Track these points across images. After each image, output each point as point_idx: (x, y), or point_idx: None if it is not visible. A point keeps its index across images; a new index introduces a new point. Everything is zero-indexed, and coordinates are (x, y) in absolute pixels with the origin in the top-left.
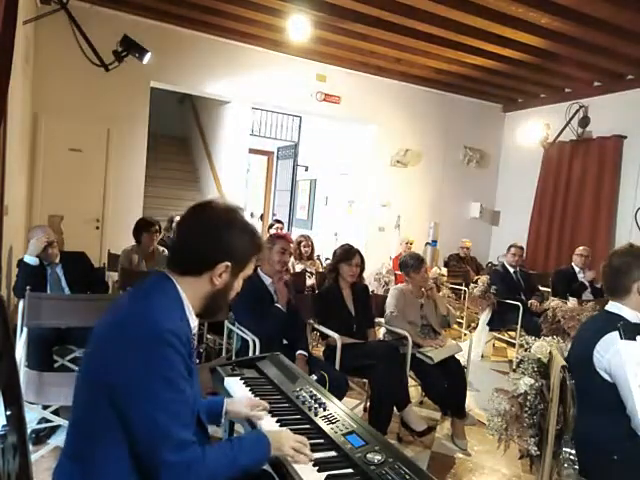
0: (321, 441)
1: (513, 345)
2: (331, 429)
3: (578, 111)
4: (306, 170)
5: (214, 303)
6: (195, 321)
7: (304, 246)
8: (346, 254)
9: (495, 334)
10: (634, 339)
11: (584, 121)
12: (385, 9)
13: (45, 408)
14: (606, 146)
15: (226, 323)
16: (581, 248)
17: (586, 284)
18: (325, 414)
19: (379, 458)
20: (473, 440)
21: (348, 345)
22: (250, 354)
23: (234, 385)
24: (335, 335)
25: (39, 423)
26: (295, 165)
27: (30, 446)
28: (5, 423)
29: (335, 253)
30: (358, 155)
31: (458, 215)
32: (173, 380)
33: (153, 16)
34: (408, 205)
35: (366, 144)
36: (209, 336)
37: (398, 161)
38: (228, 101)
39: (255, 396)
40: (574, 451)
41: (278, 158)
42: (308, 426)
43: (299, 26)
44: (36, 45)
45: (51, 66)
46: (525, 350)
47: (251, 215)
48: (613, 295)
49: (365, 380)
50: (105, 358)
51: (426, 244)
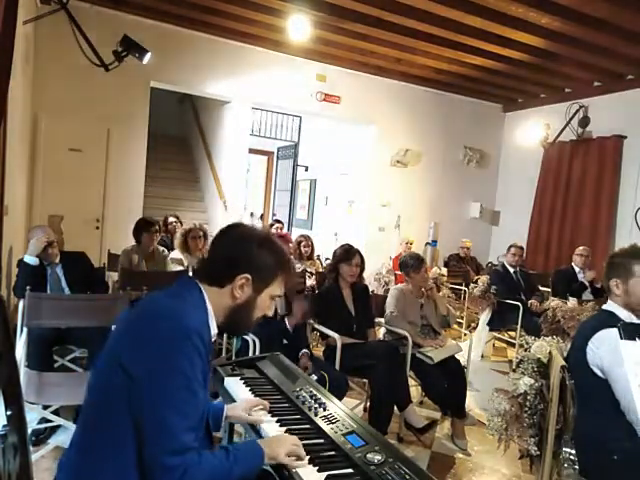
0: (321, 441)
1: (513, 345)
2: (331, 429)
3: (578, 111)
4: (306, 170)
5: (236, 318)
6: (215, 329)
7: (304, 246)
8: (346, 254)
9: (495, 334)
10: (633, 339)
11: (584, 121)
12: (385, 9)
13: (45, 408)
14: (606, 146)
15: None
16: (581, 248)
17: (586, 284)
18: (325, 414)
19: (379, 458)
20: (473, 440)
21: (348, 345)
22: (250, 354)
23: (234, 385)
24: (335, 335)
25: (39, 423)
26: (295, 165)
27: (30, 446)
28: (5, 423)
29: (335, 253)
30: (358, 155)
31: (458, 215)
32: (190, 381)
33: (153, 16)
34: (408, 205)
35: (366, 144)
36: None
37: (398, 161)
38: (228, 101)
39: (255, 396)
40: (574, 451)
41: (278, 158)
42: (308, 426)
43: (299, 26)
44: (36, 45)
45: (51, 66)
46: (525, 350)
47: (251, 215)
48: (605, 292)
49: (365, 380)
50: (131, 349)
51: (426, 244)
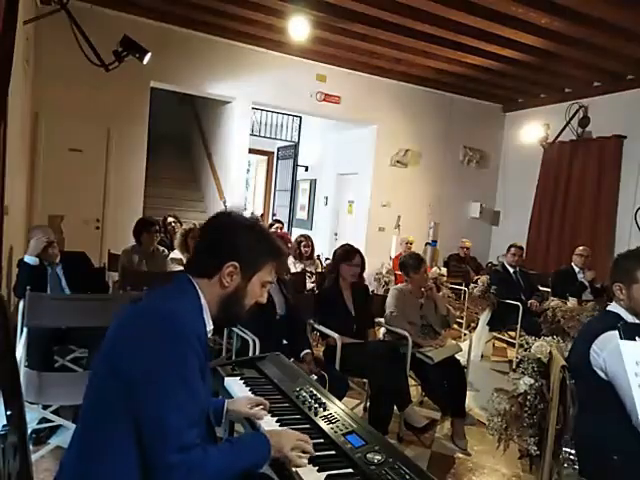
0: (321, 441)
1: (513, 345)
2: (331, 429)
3: (578, 111)
4: (306, 170)
5: (228, 307)
6: (210, 325)
7: (304, 246)
8: (346, 254)
9: (495, 334)
10: (634, 339)
11: (584, 121)
12: (385, 9)
13: (45, 408)
14: (606, 146)
15: None
16: (581, 248)
17: (586, 284)
18: (325, 414)
19: (379, 458)
20: (473, 440)
21: (348, 345)
22: (250, 354)
23: (234, 385)
24: (335, 335)
25: (39, 423)
26: (295, 165)
27: (30, 446)
28: (5, 423)
29: (335, 253)
30: (358, 155)
31: (458, 215)
32: (188, 380)
33: (153, 16)
34: (408, 205)
35: (366, 144)
36: (209, 336)
37: (398, 161)
38: (228, 101)
39: (255, 396)
40: (574, 451)
41: (278, 158)
42: (308, 426)
43: (299, 26)
44: (36, 45)
45: (51, 66)
46: (525, 350)
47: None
48: (608, 295)
49: (365, 380)
50: (124, 356)
51: (426, 244)
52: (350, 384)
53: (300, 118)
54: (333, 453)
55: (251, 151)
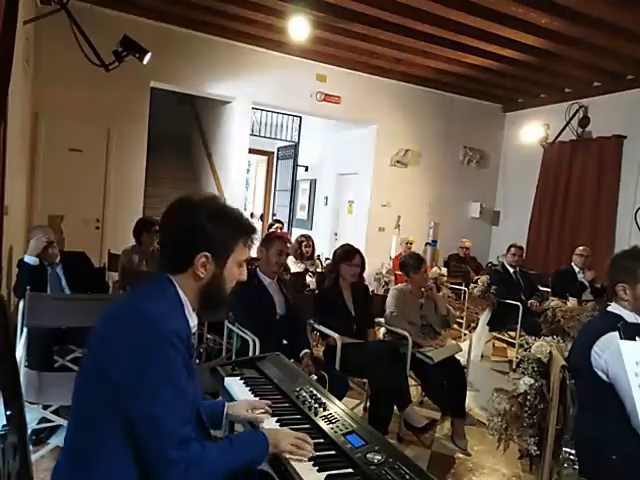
0: (321, 441)
1: (513, 345)
2: (331, 429)
3: (578, 111)
4: (306, 170)
5: (209, 297)
6: (194, 320)
7: (305, 246)
8: (346, 254)
9: (495, 334)
10: (634, 339)
11: (584, 121)
12: (385, 9)
13: (45, 408)
14: (606, 146)
15: (226, 323)
16: (581, 248)
17: (586, 284)
18: (325, 414)
19: (379, 458)
20: (473, 440)
21: (348, 345)
22: (250, 354)
23: (234, 385)
24: (335, 335)
25: (39, 423)
26: (295, 165)
27: (30, 446)
28: (5, 423)
29: (335, 253)
30: (358, 155)
31: (458, 215)
32: (174, 379)
33: (153, 16)
34: (408, 205)
35: (366, 144)
36: (209, 336)
37: (398, 161)
38: (228, 101)
39: (255, 396)
40: (574, 451)
41: (278, 158)
42: (308, 426)
43: (299, 26)
44: (36, 45)
45: (51, 66)
46: (525, 350)
47: (251, 215)
48: (608, 295)
49: (365, 380)
50: (107, 357)
51: (426, 244)
52: (350, 384)
53: (300, 118)
54: (333, 453)
55: (251, 151)
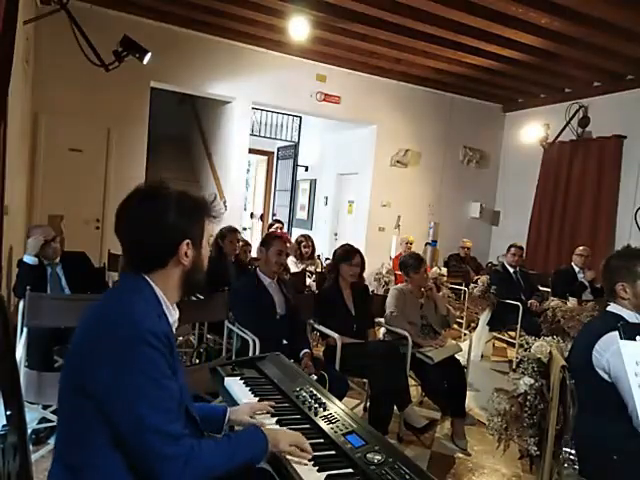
0: (321, 441)
1: (513, 345)
2: (331, 429)
3: (578, 111)
4: (306, 170)
5: (194, 280)
6: (175, 315)
7: (304, 246)
8: (346, 254)
9: (495, 334)
10: (634, 339)
11: (584, 121)
12: (385, 9)
13: (45, 408)
14: (606, 146)
15: (226, 323)
16: (581, 248)
17: (586, 284)
18: (325, 414)
19: (379, 458)
20: (473, 440)
21: (348, 345)
22: (250, 354)
23: (234, 385)
24: (335, 335)
25: (39, 423)
26: (295, 165)
27: (30, 446)
28: (5, 423)
29: (335, 253)
30: (358, 155)
31: (458, 215)
32: (156, 379)
33: (153, 16)
34: (408, 205)
35: (366, 144)
36: (209, 336)
37: (398, 161)
38: (228, 101)
39: (255, 396)
40: (574, 451)
41: (278, 158)
42: (308, 426)
43: (299, 26)
44: (36, 45)
45: (51, 66)
46: (525, 350)
47: (251, 215)
48: (607, 296)
49: (365, 380)
50: (86, 364)
51: (426, 244)
52: (350, 384)
53: (300, 118)
54: (333, 453)
55: (251, 151)
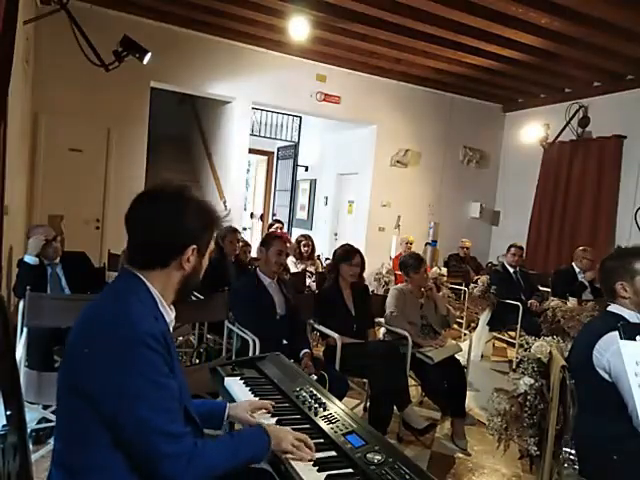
0: (321, 441)
1: (513, 345)
2: (331, 429)
3: (578, 111)
4: (306, 170)
5: (186, 288)
6: (171, 314)
7: (304, 246)
8: (346, 254)
9: (495, 334)
10: (634, 339)
11: (584, 121)
12: (385, 9)
13: (45, 408)
14: (606, 146)
15: (226, 323)
16: (587, 251)
17: (586, 284)
18: (325, 414)
19: (379, 458)
20: (473, 440)
21: (348, 345)
22: (250, 354)
23: (234, 385)
24: (335, 335)
25: (39, 423)
26: (295, 165)
27: (30, 446)
28: (5, 423)
29: (335, 253)
30: (358, 155)
31: (458, 215)
32: (155, 380)
33: (153, 16)
34: (408, 205)
35: (366, 144)
36: (209, 336)
37: (398, 161)
38: (228, 101)
39: (255, 396)
40: (574, 451)
41: (278, 158)
42: (308, 426)
43: (299, 26)
44: (36, 45)
45: (51, 66)
46: (525, 350)
47: (251, 215)
48: (607, 297)
49: (365, 380)
50: (81, 365)
51: (426, 244)
52: (350, 384)
53: (300, 118)
54: (333, 453)
55: (251, 151)
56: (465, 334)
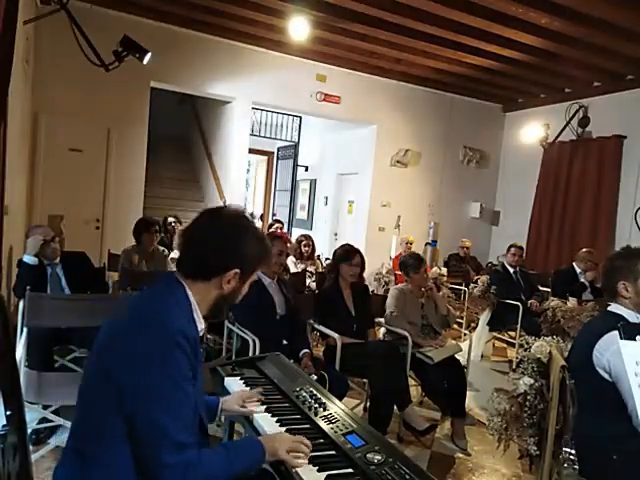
0: (321, 441)
1: (513, 345)
2: (331, 429)
3: (578, 111)
4: (306, 170)
5: (219, 307)
6: (202, 324)
7: (304, 246)
8: (346, 254)
9: (495, 334)
10: (634, 339)
11: (584, 121)
12: (385, 9)
13: (45, 408)
14: (606, 146)
15: (226, 323)
16: (592, 253)
17: (586, 284)
18: (325, 414)
19: (379, 458)
20: (473, 440)
21: (348, 345)
22: (250, 354)
23: (234, 385)
24: (335, 335)
25: (39, 423)
26: (295, 165)
27: (30, 446)
28: (5, 423)
29: (335, 253)
30: (358, 155)
31: (458, 215)
32: (179, 382)
33: (153, 16)
34: (408, 205)
35: (366, 144)
36: (209, 336)
37: (398, 161)
38: (228, 101)
39: None
40: (574, 451)
41: (278, 158)
42: (308, 426)
43: (299, 26)
44: (36, 45)
45: (51, 66)
46: (525, 350)
47: (251, 215)
48: (608, 296)
49: (365, 380)
50: (115, 357)
51: (426, 244)
52: (350, 384)
53: (300, 118)
54: (333, 453)
55: (251, 151)
56: (465, 334)
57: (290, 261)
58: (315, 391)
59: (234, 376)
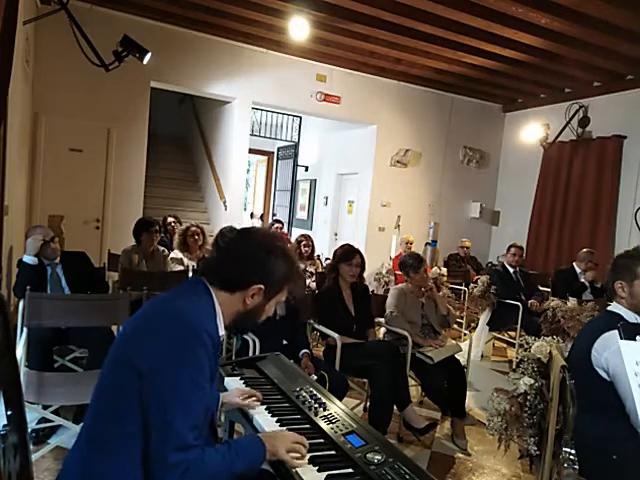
0: (321, 441)
1: (513, 345)
2: (331, 429)
3: (578, 111)
4: (306, 170)
5: (242, 321)
6: (222, 330)
7: (304, 246)
8: (346, 254)
9: (495, 334)
10: (634, 339)
11: (584, 121)
12: (385, 9)
13: (45, 408)
14: (606, 146)
15: None
16: (594, 254)
17: (586, 284)
18: (325, 414)
19: (379, 458)
20: (473, 440)
21: (348, 345)
22: (250, 354)
23: (234, 385)
24: (335, 335)
25: (39, 423)
26: (295, 165)
27: (30, 446)
28: (6, 423)
29: (335, 253)
30: (358, 155)
31: (458, 215)
32: (198, 381)
33: (153, 16)
34: (408, 205)
35: (366, 144)
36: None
37: (398, 161)
38: (228, 101)
39: None
40: (574, 451)
41: (278, 158)
42: (308, 426)
43: (299, 26)
44: (36, 45)
45: (51, 66)
46: (525, 350)
47: (251, 215)
48: (607, 294)
49: (365, 380)
50: (140, 346)
51: (426, 244)
52: (350, 384)
53: (300, 118)
54: (333, 453)
55: (251, 151)
56: (465, 334)
57: None
58: (315, 391)
59: (234, 376)
